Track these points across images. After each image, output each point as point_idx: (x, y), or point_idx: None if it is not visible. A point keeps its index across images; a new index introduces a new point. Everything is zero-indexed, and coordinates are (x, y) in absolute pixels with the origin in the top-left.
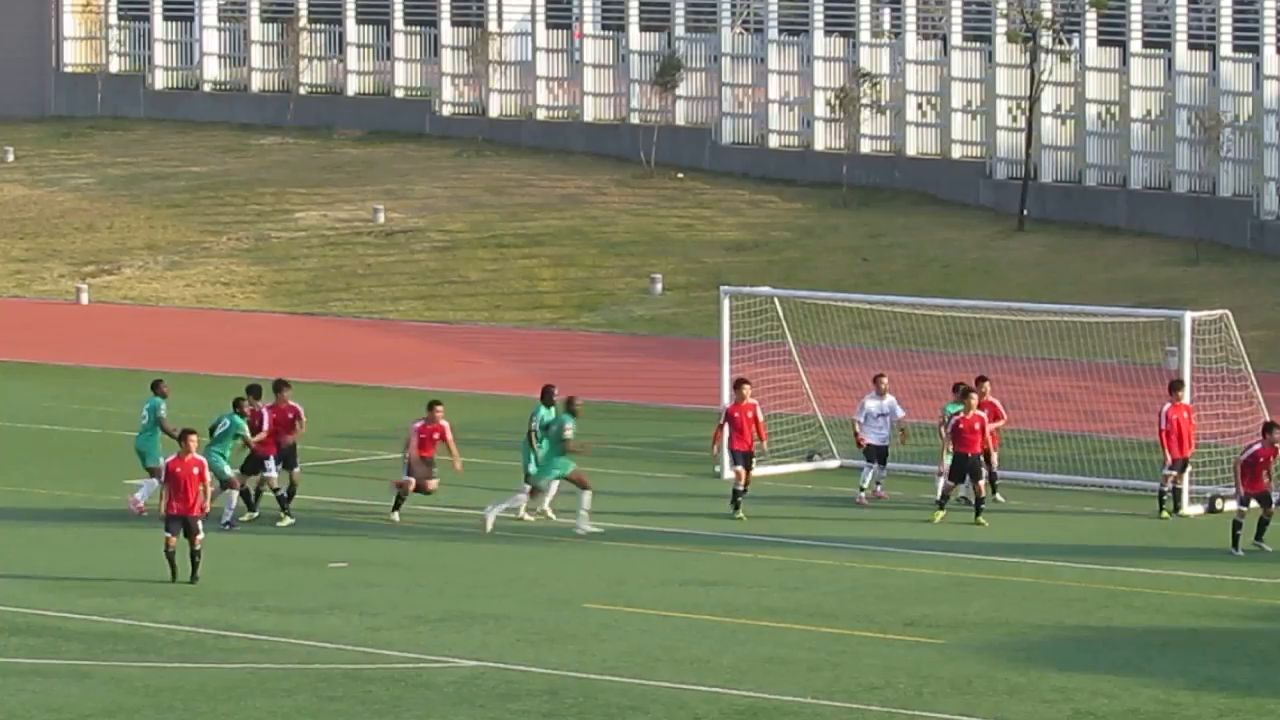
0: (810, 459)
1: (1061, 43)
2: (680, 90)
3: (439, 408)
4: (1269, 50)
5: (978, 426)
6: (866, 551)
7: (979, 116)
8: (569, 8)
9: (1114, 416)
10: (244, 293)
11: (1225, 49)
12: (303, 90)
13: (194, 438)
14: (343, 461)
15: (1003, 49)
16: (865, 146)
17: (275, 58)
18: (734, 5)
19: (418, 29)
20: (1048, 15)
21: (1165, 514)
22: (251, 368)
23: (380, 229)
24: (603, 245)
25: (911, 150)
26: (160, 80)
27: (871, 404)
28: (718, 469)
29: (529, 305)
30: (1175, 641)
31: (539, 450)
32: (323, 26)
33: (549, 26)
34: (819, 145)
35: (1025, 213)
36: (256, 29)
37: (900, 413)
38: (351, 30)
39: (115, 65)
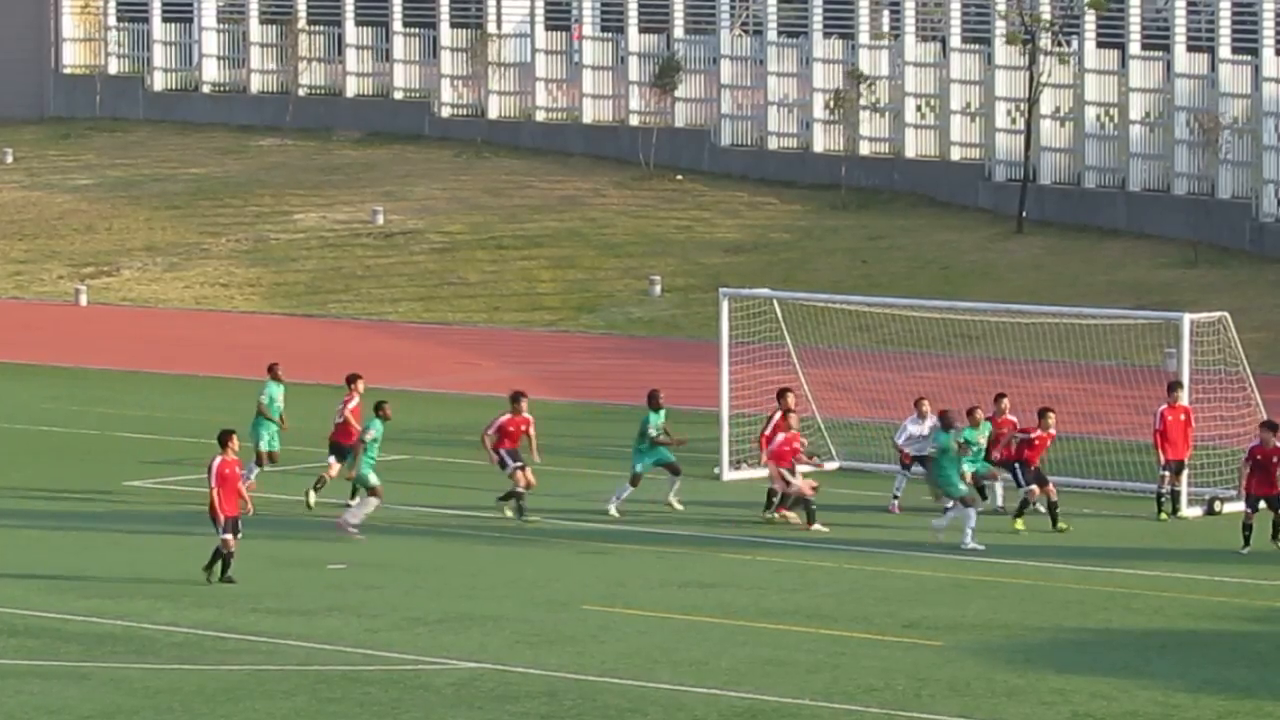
0: (809, 460)
1: (1060, 45)
2: (679, 92)
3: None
4: (1268, 52)
5: (1048, 444)
6: (865, 553)
7: (978, 118)
8: (568, 9)
9: (1113, 418)
10: (243, 294)
11: (1224, 51)
12: (302, 92)
13: (235, 437)
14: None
15: (1002, 51)
16: (864, 148)
17: (274, 59)
18: (733, 7)
19: (417, 31)
20: (1047, 17)
21: (1164, 516)
22: (252, 369)
23: (379, 230)
24: (601, 247)
25: (910, 152)
26: (159, 82)
27: (914, 428)
28: (716, 470)
29: (528, 307)
30: (1174, 643)
31: (944, 468)
32: (322, 28)
33: (548, 28)
34: (818, 147)
35: (1024, 215)
36: (255, 31)
37: None
38: (350, 32)
39: (114, 67)
